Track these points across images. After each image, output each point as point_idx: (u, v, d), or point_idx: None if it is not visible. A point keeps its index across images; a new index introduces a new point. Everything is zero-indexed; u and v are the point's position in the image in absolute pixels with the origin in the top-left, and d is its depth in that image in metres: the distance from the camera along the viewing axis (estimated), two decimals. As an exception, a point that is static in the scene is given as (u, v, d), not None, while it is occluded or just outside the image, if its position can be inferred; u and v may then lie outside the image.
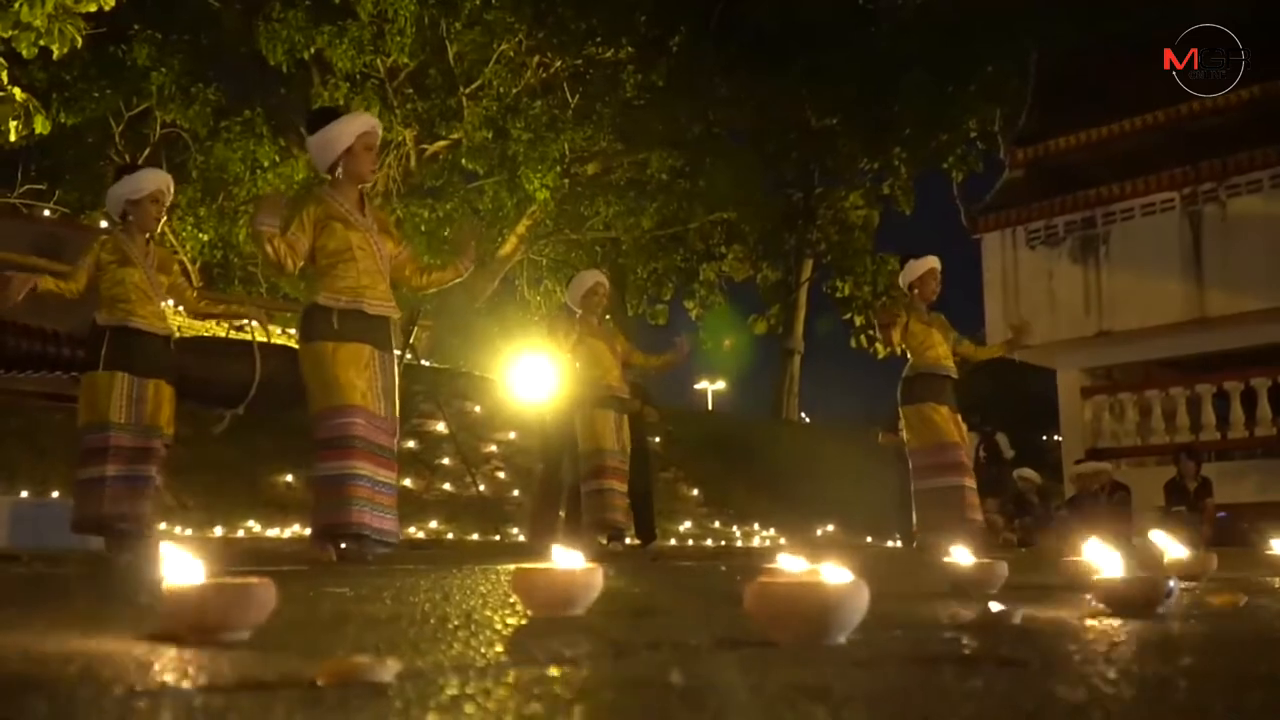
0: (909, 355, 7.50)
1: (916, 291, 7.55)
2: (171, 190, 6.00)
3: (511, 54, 18.92)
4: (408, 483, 11.98)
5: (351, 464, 4.65)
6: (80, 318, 5.83)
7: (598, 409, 7.65)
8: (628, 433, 7.81)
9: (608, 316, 8.48)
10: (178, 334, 6.20)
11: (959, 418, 7.51)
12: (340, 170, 4.99)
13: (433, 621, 1.93)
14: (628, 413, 7.90)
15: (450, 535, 10.87)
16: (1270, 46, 12.59)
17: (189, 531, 8.98)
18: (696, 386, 38.26)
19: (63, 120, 16.48)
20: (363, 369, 4.79)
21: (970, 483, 7.28)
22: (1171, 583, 2.07)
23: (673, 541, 12.37)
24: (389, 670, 1.16)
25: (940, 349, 7.43)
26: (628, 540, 9.19)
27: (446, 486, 12.11)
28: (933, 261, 7.63)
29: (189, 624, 1.53)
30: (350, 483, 4.64)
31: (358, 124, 5.08)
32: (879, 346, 24.87)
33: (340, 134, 4.97)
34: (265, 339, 6.29)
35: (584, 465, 7.77)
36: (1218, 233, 13.13)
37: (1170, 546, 3.21)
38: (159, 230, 5.95)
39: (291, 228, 4.89)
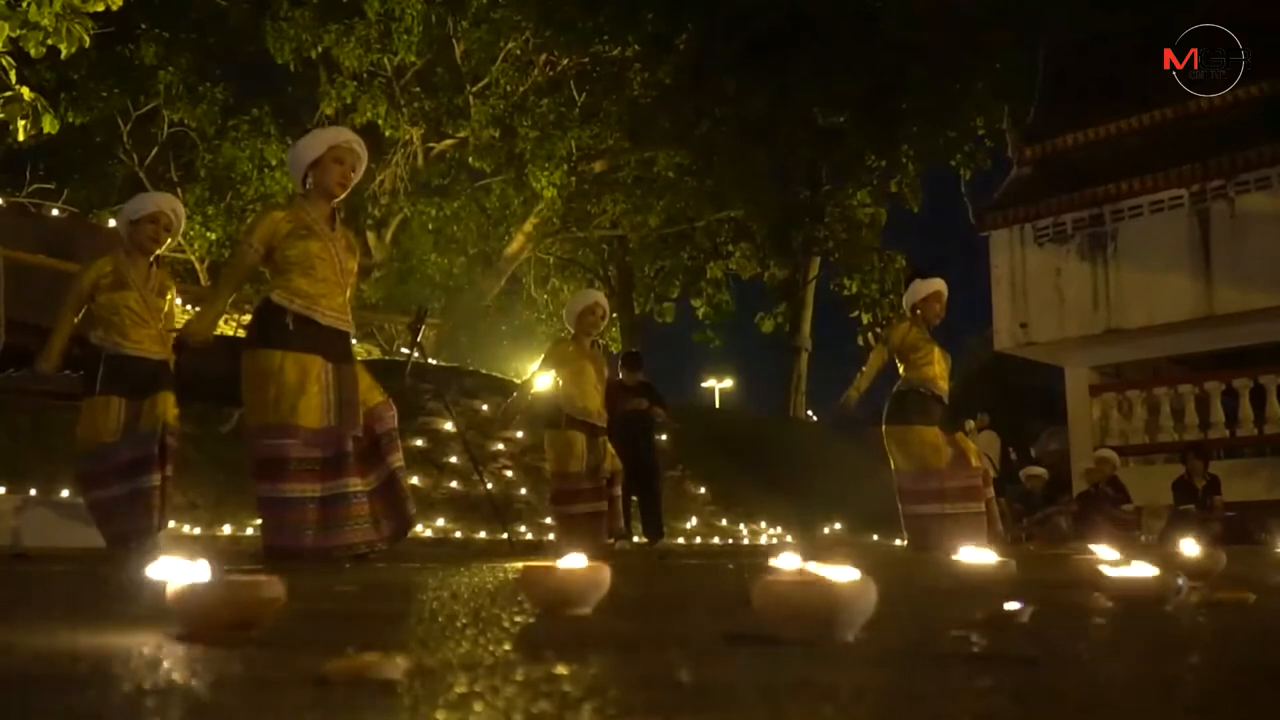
0: (902, 368, 7.33)
1: (919, 313, 7.42)
2: (180, 214, 5.89)
3: (518, 52, 18.94)
4: (415, 481, 12.00)
5: (286, 487, 4.53)
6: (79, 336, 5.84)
7: (566, 430, 7.43)
8: (602, 453, 7.54)
9: (600, 341, 8.27)
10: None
11: (956, 436, 7.36)
12: (310, 181, 4.88)
13: (441, 619, 1.93)
14: (626, 412, 7.75)
15: (458, 533, 10.87)
16: (1278, 43, 12.55)
17: (198, 530, 9.00)
18: (704, 384, 38.22)
19: (71, 119, 16.52)
20: (311, 382, 4.65)
21: (953, 509, 7.04)
22: (1180, 580, 2.07)
23: (680, 539, 12.36)
24: (397, 668, 1.16)
25: (937, 368, 7.26)
26: (635, 539, 9.19)
27: (454, 485, 12.11)
28: (939, 284, 7.47)
29: (198, 621, 1.53)
30: (288, 508, 4.52)
31: (329, 136, 5.01)
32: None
33: (309, 148, 4.90)
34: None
35: (553, 485, 7.61)
36: (1226, 230, 13.09)
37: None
38: (159, 251, 5.88)
39: (252, 243, 4.79)
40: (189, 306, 11.23)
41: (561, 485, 7.48)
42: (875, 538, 13.71)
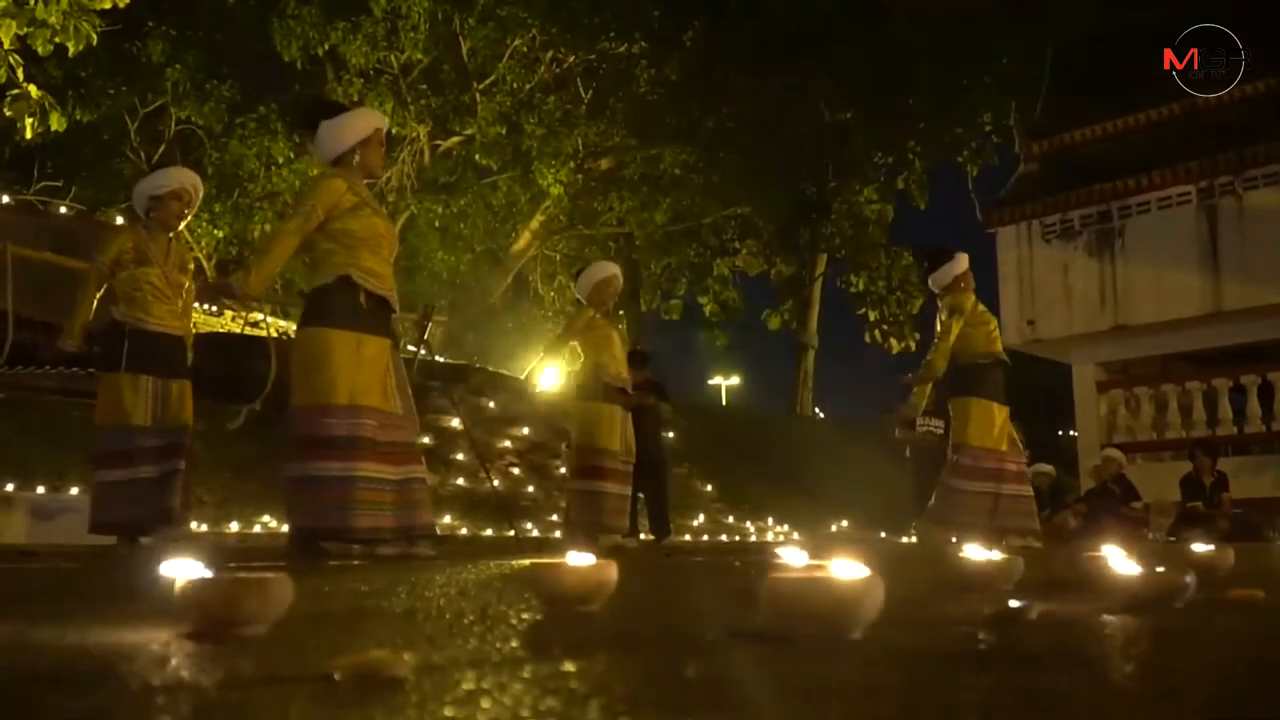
0: (967, 345, 7.13)
1: (964, 286, 7.25)
2: (199, 190, 5.93)
3: (525, 49, 18.94)
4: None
5: (357, 466, 4.46)
6: (98, 312, 5.84)
7: (603, 403, 7.17)
8: (632, 433, 7.35)
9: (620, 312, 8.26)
10: (195, 329, 6.20)
11: (1008, 411, 7.28)
12: (356, 160, 4.86)
13: (448, 616, 1.93)
14: (632, 408, 7.50)
15: (464, 530, 10.88)
16: (1285, 39, 12.51)
17: (205, 527, 9.02)
18: (711, 381, 38.19)
19: (78, 117, 16.55)
20: (383, 366, 4.69)
21: (1010, 489, 6.98)
22: (1188, 578, 2.06)
23: (687, 536, 12.37)
24: (405, 665, 1.16)
25: (999, 340, 7.34)
26: (642, 536, 9.18)
27: (461, 482, 12.13)
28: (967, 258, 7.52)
29: (207, 619, 1.54)
30: (356, 486, 4.44)
31: (375, 119, 5.07)
32: (893, 342, 24.81)
33: (358, 125, 4.89)
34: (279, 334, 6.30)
35: (577, 460, 7.26)
36: (1234, 226, 13.05)
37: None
38: (180, 228, 5.93)
39: (315, 208, 4.61)
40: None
41: (589, 460, 7.15)
42: (883, 534, 13.69)
